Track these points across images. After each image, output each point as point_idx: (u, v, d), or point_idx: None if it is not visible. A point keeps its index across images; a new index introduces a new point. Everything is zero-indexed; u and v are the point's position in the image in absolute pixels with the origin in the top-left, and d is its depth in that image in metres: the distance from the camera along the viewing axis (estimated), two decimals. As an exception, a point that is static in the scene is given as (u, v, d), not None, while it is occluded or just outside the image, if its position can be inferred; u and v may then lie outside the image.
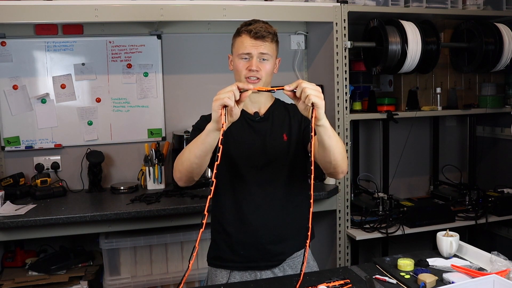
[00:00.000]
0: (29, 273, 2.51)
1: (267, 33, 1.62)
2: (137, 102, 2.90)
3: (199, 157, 1.49)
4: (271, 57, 1.64)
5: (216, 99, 1.37)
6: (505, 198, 2.89)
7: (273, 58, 1.66)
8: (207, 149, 1.47)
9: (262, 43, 1.62)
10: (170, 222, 2.45)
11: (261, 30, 1.61)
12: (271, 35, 1.63)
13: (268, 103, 1.75)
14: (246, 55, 1.62)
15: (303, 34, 3.10)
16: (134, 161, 2.91)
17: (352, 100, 2.93)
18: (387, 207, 2.76)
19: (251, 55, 1.61)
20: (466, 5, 2.90)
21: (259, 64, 1.62)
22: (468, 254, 1.68)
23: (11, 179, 2.62)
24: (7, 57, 2.70)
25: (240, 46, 1.64)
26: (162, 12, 2.37)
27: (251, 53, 1.61)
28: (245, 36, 1.62)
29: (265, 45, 1.62)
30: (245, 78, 1.63)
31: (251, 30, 1.61)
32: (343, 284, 1.47)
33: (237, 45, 1.65)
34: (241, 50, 1.63)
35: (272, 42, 1.65)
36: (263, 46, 1.62)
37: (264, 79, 1.63)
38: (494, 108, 3.01)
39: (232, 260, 1.68)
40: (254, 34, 1.61)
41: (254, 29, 1.61)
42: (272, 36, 1.64)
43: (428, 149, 3.39)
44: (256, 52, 1.61)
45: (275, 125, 1.71)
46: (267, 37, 1.62)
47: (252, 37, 1.61)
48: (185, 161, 1.53)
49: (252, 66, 1.60)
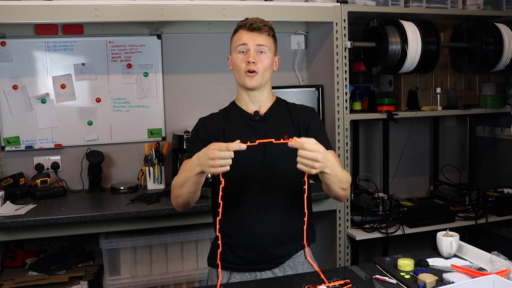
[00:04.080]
0: (29, 273, 2.51)
1: (262, 25, 1.63)
2: (137, 102, 2.90)
3: (193, 192, 1.55)
4: (269, 50, 1.64)
5: (212, 164, 1.39)
6: (505, 198, 2.89)
7: (271, 53, 1.66)
8: (199, 186, 1.54)
9: (259, 35, 1.62)
10: (170, 222, 2.45)
11: (256, 21, 1.63)
12: (267, 27, 1.64)
13: (269, 102, 1.73)
14: (242, 47, 1.62)
15: (303, 34, 3.10)
16: (134, 161, 2.91)
17: (352, 100, 2.93)
18: (387, 207, 2.76)
19: (247, 47, 1.62)
20: (466, 5, 2.90)
21: (256, 56, 1.62)
22: (468, 254, 1.68)
23: (11, 179, 2.63)
24: (7, 57, 2.70)
25: (237, 39, 1.65)
26: (162, 12, 2.37)
27: (247, 44, 1.62)
28: (242, 30, 1.64)
29: (262, 37, 1.62)
30: (244, 73, 1.63)
31: (247, 23, 1.63)
32: (343, 284, 1.47)
33: (234, 40, 1.66)
34: (238, 42, 1.63)
35: (269, 35, 1.65)
36: (260, 38, 1.62)
37: (261, 73, 1.63)
38: (494, 108, 3.01)
39: (232, 262, 1.67)
40: (250, 26, 1.62)
41: (250, 24, 1.62)
42: (268, 29, 1.64)
43: (428, 149, 3.39)
44: (253, 43, 1.61)
45: (277, 125, 1.68)
46: (263, 28, 1.63)
47: (248, 29, 1.62)
48: (180, 197, 1.59)
49: (249, 58, 1.61)
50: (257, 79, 1.64)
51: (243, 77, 1.64)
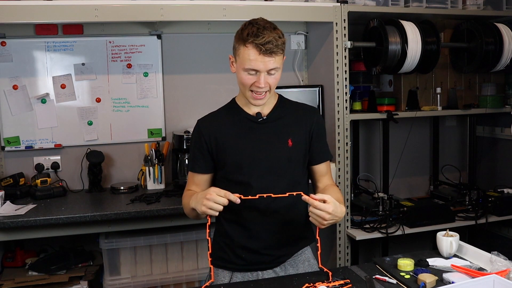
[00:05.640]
0: (29, 273, 2.51)
1: (277, 48, 1.48)
2: (137, 102, 2.90)
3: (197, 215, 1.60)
4: (280, 68, 1.54)
5: (205, 204, 1.44)
6: (505, 198, 2.89)
7: (281, 67, 1.56)
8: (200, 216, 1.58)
9: (271, 58, 1.49)
10: (170, 222, 2.45)
11: (271, 46, 1.47)
12: (280, 48, 1.50)
13: (272, 102, 1.67)
14: (253, 71, 1.51)
15: (303, 34, 3.10)
16: (134, 161, 2.91)
17: (352, 100, 2.93)
18: (387, 207, 2.76)
19: (259, 71, 1.51)
20: (466, 5, 2.89)
21: (267, 78, 1.52)
22: (468, 254, 1.68)
23: (11, 179, 2.63)
24: (7, 57, 2.70)
25: (246, 59, 1.50)
26: (162, 12, 2.37)
27: (259, 70, 1.50)
28: (253, 50, 1.48)
29: (274, 59, 1.50)
30: (250, 91, 1.56)
31: (260, 47, 1.46)
32: (343, 284, 1.47)
33: (243, 56, 1.50)
34: (248, 65, 1.50)
35: (282, 54, 1.53)
36: (272, 61, 1.49)
37: (272, 90, 1.58)
38: (494, 108, 3.01)
39: (234, 262, 1.67)
40: (264, 52, 1.47)
41: (263, 44, 1.46)
42: (282, 48, 1.51)
43: (428, 149, 3.39)
44: (265, 68, 1.50)
45: (280, 127, 1.64)
46: (276, 52, 1.49)
47: (261, 53, 1.47)
48: (189, 215, 1.66)
49: (260, 84, 1.51)
50: (265, 98, 1.57)
51: (250, 97, 1.57)
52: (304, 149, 1.66)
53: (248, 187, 1.60)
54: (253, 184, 1.60)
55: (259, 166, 1.61)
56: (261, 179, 1.61)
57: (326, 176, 1.73)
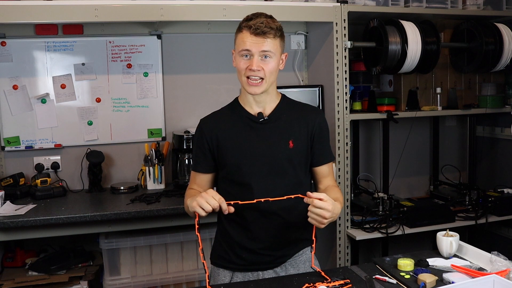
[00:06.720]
0: (29, 273, 2.51)
1: (268, 28, 1.51)
2: (137, 102, 2.90)
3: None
4: (274, 54, 1.54)
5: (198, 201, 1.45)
6: (505, 198, 2.89)
7: (277, 55, 1.56)
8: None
9: (264, 39, 1.51)
10: (170, 222, 2.45)
11: (261, 26, 1.50)
12: (273, 30, 1.52)
13: (274, 102, 1.66)
14: (246, 52, 1.53)
15: (303, 34, 3.10)
16: (134, 161, 2.91)
17: (352, 100, 2.93)
18: (387, 207, 2.76)
19: (251, 53, 1.52)
20: (466, 5, 2.89)
21: (261, 62, 1.53)
22: (468, 254, 1.68)
23: (11, 179, 2.62)
24: (7, 57, 2.70)
25: (240, 42, 1.54)
26: (162, 12, 2.37)
27: (251, 51, 1.52)
28: (246, 32, 1.53)
29: (267, 42, 1.51)
30: (245, 77, 1.55)
31: (251, 26, 1.51)
32: (343, 284, 1.47)
33: (238, 41, 1.56)
34: (241, 47, 1.53)
35: (275, 37, 1.54)
36: (264, 43, 1.51)
37: (268, 79, 1.56)
38: (494, 108, 3.01)
39: (235, 262, 1.68)
40: (254, 31, 1.50)
41: (254, 24, 1.51)
42: (274, 32, 1.53)
43: (428, 149, 3.39)
44: (257, 50, 1.51)
45: (281, 128, 1.63)
46: (268, 33, 1.51)
47: (252, 34, 1.51)
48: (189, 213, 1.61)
49: (252, 66, 1.52)
50: (261, 87, 1.57)
51: (246, 83, 1.57)
52: (305, 151, 1.66)
53: (249, 188, 1.60)
54: (254, 185, 1.60)
55: (259, 167, 1.61)
56: (261, 180, 1.60)
57: (328, 178, 1.73)
